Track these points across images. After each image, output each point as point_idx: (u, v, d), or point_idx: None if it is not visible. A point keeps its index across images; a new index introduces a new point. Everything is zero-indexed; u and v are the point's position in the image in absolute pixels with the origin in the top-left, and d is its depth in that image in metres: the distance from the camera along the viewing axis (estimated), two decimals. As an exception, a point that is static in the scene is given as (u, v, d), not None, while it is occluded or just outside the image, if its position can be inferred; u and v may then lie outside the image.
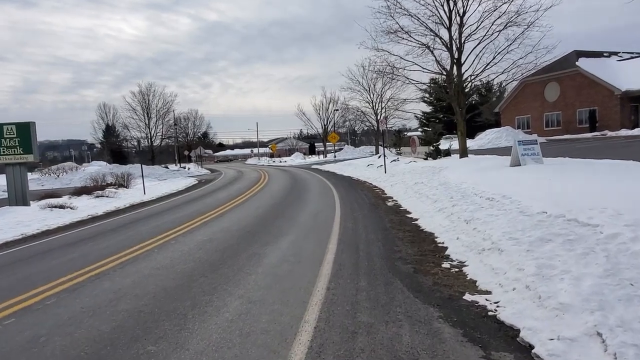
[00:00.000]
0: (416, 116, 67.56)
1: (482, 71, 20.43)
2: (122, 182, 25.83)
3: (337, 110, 56.45)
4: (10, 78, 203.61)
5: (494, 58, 19.44)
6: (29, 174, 54.62)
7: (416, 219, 9.52)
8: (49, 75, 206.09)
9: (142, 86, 49.54)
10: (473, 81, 21.36)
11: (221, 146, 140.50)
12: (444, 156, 25.42)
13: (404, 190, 14.33)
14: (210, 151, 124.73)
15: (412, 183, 14.74)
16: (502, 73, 20.12)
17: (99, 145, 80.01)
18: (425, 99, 68.98)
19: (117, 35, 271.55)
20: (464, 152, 21.25)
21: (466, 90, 21.39)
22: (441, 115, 71.21)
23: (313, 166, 40.31)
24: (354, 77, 40.83)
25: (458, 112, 20.92)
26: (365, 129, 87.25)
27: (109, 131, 73.97)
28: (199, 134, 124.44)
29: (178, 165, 51.72)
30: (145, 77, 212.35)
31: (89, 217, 14.08)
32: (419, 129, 72.26)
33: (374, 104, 40.76)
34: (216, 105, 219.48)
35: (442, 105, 69.06)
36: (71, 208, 15.68)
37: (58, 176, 43.52)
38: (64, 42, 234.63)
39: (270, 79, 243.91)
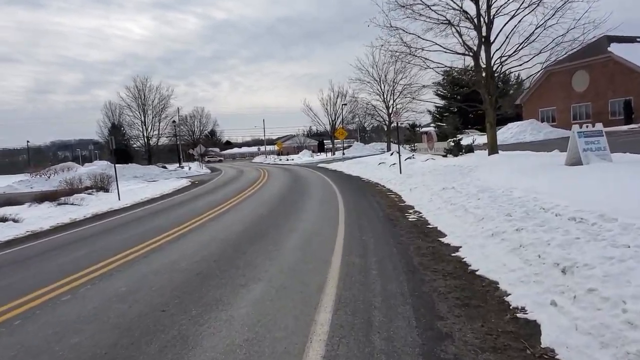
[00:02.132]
0: (429, 111, 64.10)
1: (515, 51, 17.10)
2: (103, 185, 22.94)
3: (346, 104, 53.13)
4: (21, 79, 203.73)
5: (532, 33, 16.10)
6: (20, 175, 52.10)
7: (457, 249, 6.30)
8: (59, 75, 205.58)
9: (137, 81, 46.44)
10: (503, 64, 17.87)
11: (229, 144, 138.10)
12: (466, 152, 22.19)
13: (428, 198, 11.07)
14: (217, 149, 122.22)
15: (439, 188, 11.47)
16: (539, 53, 16.79)
17: (107, 145, 77.37)
18: (439, 91, 65.58)
19: (125, 35, 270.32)
20: (493, 147, 17.91)
21: (496, 74, 17.97)
22: (455, 109, 67.56)
23: (319, 165, 37.12)
24: (363, 67, 37.51)
25: (487, 100, 17.58)
26: (375, 125, 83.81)
27: (115, 130, 71.49)
28: (205, 132, 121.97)
29: (178, 164, 48.86)
30: (154, 76, 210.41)
31: (25, 235, 11.08)
32: (432, 124, 68.59)
33: (385, 95, 37.39)
34: (225, 104, 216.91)
35: (457, 99, 65.45)
36: (14, 221, 12.69)
37: (49, 177, 41.06)
38: (73, 43, 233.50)
39: (279, 76, 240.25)
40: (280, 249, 6.84)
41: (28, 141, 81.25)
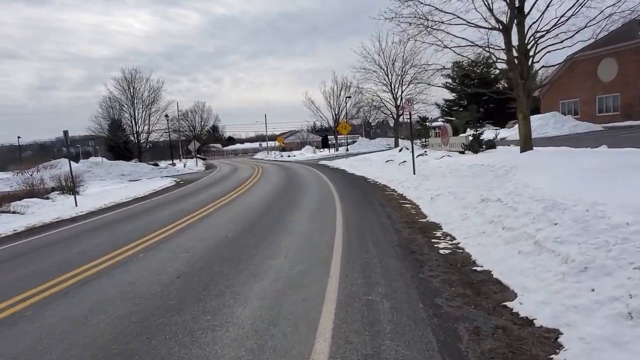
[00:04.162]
0: (437, 104, 60.75)
1: (554, 26, 13.85)
2: (69, 186, 19.95)
3: (350, 97, 49.88)
4: (25, 75, 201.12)
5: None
6: (1, 173, 49.37)
7: (555, 339, 3.20)
8: (63, 71, 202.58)
9: (125, 72, 43.07)
10: (538, 42, 14.56)
11: (231, 140, 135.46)
12: (487, 149, 19.04)
13: (460, 213, 7.95)
14: (219, 145, 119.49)
15: (475, 199, 8.32)
16: (586, 27, 13.56)
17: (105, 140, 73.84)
18: (449, 84, 62.25)
19: (127, 30, 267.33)
20: (527, 143, 14.69)
21: (531, 53, 14.67)
22: (465, 103, 64.03)
23: (321, 162, 34.00)
24: (368, 55, 34.26)
25: (520, 85, 14.36)
26: (381, 120, 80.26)
27: (114, 125, 68.37)
28: (207, 127, 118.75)
29: (171, 161, 45.83)
30: (157, 71, 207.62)
31: None
32: (440, 119, 65.14)
33: (392, 86, 34.11)
34: (228, 99, 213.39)
35: (467, 92, 61.90)
36: None
37: (31, 175, 38.31)
38: (76, 39, 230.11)
39: (281, 72, 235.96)
40: (219, 331, 3.73)
41: (19, 137, 78.44)
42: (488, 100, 58.76)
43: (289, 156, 55.54)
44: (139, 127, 43.15)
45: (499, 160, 13.39)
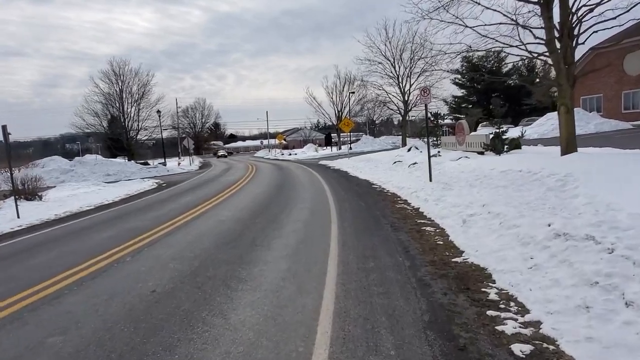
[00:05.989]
0: (445, 101, 57.74)
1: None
2: (27, 191, 17.33)
3: (353, 92, 46.96)
4: (30, 72, 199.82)
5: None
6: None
7: None
8: (66, 69, 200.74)
9: (113, 64, 40.04)
10: (582, 20, 11.65)
11: (232, 137, 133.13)
12: (511, 149, 16.25)
13: (519, 253, 5.14)
14: (220, 143, 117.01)
15: (543, 231, 5.47)
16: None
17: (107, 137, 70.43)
18: (457, 80, 59.25)
19: (130, 28, 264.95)
20: (570, 143, 11.72)
21: (574, 32, 11.74)
22: (475, 99, 61.04)
23: (321, 162, 31.17)
24: (373, 44, 31.28)
25: (563, 71, 11.47)
26: (385, 118, 77.04)
27: (114, 122, 65.49)
28: (208, 124, 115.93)
29: (163, 160, 43.06)
30: (159, 69, 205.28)
31: None
32: (448, 116, 62.19)
33: (400, 79, 31.15)
34: (232, 97, 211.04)
35: (477, 88, 58.89)
36: None
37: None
38: (79, 37, 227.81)
39: (285, 69, 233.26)
40: None
41: (10, 133, 75.64)
42: (499, 96, 55.92)
43: (289, 154, 52.76)
44: (127, 124, 40.33)
45: (539, 165, 10.44)
